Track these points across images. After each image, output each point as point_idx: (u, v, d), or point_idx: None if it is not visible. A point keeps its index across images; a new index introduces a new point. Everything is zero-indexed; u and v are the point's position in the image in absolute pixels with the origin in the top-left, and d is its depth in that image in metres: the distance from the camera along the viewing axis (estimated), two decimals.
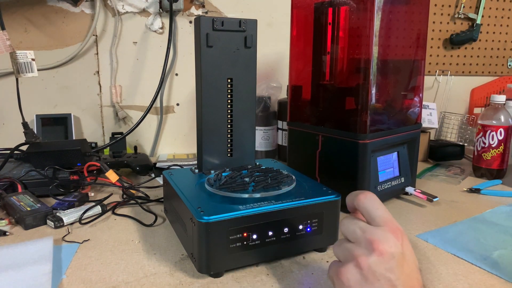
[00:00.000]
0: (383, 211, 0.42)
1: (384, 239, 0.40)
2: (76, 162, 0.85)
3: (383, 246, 0.39)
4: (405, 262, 0.40)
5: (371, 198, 0.43)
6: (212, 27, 0.63)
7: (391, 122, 0.80)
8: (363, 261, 0.39)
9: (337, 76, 0.79)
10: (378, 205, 0.43)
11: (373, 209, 0.42)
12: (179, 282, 0.51)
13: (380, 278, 0.38)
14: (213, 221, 0.50)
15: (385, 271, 0.39)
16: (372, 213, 0.42)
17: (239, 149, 0.70)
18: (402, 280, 0.39)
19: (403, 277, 0.39)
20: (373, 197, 0.43)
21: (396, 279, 0.38)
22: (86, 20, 1.05)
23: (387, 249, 0.39)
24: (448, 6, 1.36)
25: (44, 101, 1.07)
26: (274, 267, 0.55)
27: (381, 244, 0.39)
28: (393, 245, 0.39)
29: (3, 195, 0.73)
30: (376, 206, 0.42)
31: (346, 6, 0.75)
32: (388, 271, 0.39)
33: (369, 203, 0.43)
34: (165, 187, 0.71)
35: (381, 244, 0.39)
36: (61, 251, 0.59)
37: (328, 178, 0.78)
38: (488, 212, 0.75)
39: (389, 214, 0.42)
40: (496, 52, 1.46)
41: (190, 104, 1.17)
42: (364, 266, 0.39)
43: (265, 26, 1.18)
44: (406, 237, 0.41)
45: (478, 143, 0.96)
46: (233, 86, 0.67)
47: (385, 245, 0.39)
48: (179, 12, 1.11)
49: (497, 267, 0.55)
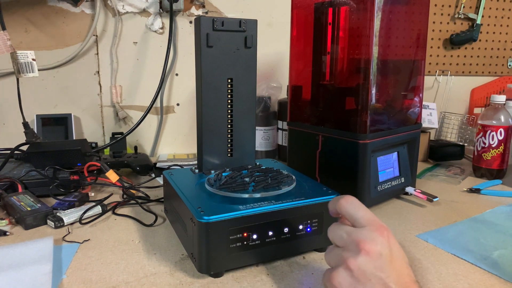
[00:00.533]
0: (365, 211, 0.43)
1: (370, 238, 0.40)
2: (77, 162, 0.85)
3: (370, 245, 0.40)
4: (394, 259, 0.40)
5: (352, 201, 0.44)
6: (212, 27, 0.63)
7: (391, 122, 0.80)
8: (352, 262, 0.40)
9: (337, 76, 0.79)
10: (359, 206, 0.43)
11: (354, 211, 0.43)
12: (179, 282, 0.51)
13: (371, 277, 0.39)
14: (213, 221, 0.50)
15: (375, 270, 0.39)
16: (355, 215, 0.43)
17: (239, 149, 0.70)
18: (393, 277, 0.39)
19: (394, 274, 0.39)
20: (353, 200, 0.44)
21: (387, 276, 0.39)
22: (87, 20, 1.06)
23: (374, 247, 0.40)
24: (448, 6, 1.36)
25: (44, 101, 1.07)
26: (274, 267, 0.55)
27: (367, 243, 0.40)
28: (379, 243, 0.40)
29: (4, 195, 0.73)
30: (357, 208, 0.43)
31: (346, 6, 0.75)
32: (378, 270, 0.39)
33: (350, 206, 0.44)
34: (165, 187, 0.71)
35: (367, 243, 0.40)
36: (61, 251, 0.59)
37: (328, 178, 0.78)
38: (488, 212, 0.75)
39: (371, 214, 0.43)
40: (496, 52, 1.46)
41: (190, 104, 1.17)
42: (354, 267, 0.39)
43: (265, 26, 1.18)
44: (391, 233, 0.42)
45: (478, 143, 0.96)
46: (233, 86, 0.67)
47: (372, 244, 0.40)
48: (179, 12, 1.11)
49: (497, 267, 0.55)
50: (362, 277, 0.39)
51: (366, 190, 0.73)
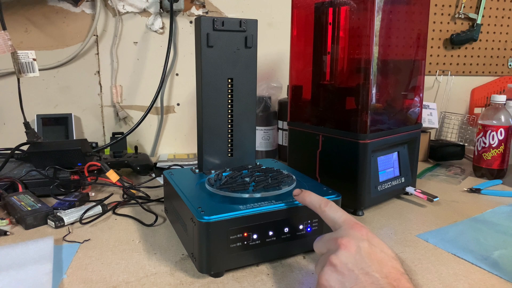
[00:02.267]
0: (341, 213, 0.47)
1: (346, 234, 0.43)
2: (77, 162, 0.86)
3: (346, 240, 0.42)
4: (373, 250, 0.42)
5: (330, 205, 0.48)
6: (212, 27, 0.63)
7: (392, 122, 0.80)
8: (334, 258, 0.42)
9: (337, 76, 0.79)
10: (336, 209, 0.48)
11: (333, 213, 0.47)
12: (179, 282, 0.51)
13: (353, 269, 0.40)
14: (213, 221, 0.50)
15: (356, 262, 0.41)
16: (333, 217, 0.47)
17: (240, 149, 0.70)
18: (374, 267, 0.40)
19: (376, 265, 0.41)
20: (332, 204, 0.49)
21: (368, 266, 0.40)
22: (87, 20, 1.06)
23: (351, 241, 0.42)
24: (449, 6, 1.36)
25: (44, 101, 1.07)
26: (275, 267, 0.55)
27: (344, 239, 0.42)
28: (356, 238, 0.43)
29: (4, 195, 0.73)
30: (335, 210, 0.48)
31: (347, 6, 0.75)
32: (359, 261, 0.41)
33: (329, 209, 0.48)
34: (165, 187, 0.71)
35: (344, 239, 0.42)
36: (61, 251, 0.59)
37: (329, 178, 0.78)
38: (488, 212, 0.75)
39: (348, 215, 0.47)
40: (496, 52, 1.46)
41: (190, 104, 1.17)
42: (336, 262, 0.41)
43: (265, 26, 1.18)
44: (368, 229, 0.45)
45: (479, 143, 0.96)
46: (233, 86, 0.67)
47: (348, 239, 0.42)
48: (180, 12, 1.11)
49: (497, 267, 0.55)
50: (345, 270, 0.41)
51: (366, 190, 0.73)
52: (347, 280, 0.40)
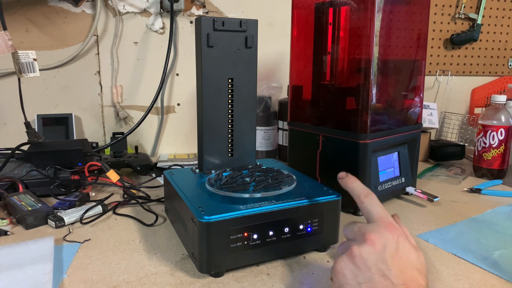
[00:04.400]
0: (380, 208, 0.44)
1: (377, 231, 0.41)
2: (77, 162, 0.86)
3: (375, 236, 0.41)
4: (398, 256, 0.40)
5: (371, 197, 0.46)
6: (212, 27, 0.63)
7: (392, 122, 0.80)
8: (355, 250, 0.41)
9: (337, 76, 0.79)
10: (376, 203, 0.45)
11: (371, 206, 0.45)
12: (179, 282, 0.51)
13: (371, 267, 0.39)
14: (213, 221, 0.50)
15: (376, 261, 0.39)
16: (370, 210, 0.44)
17: (240, 149, 0.70)
18: (393, 272, 0.39)
19: (395, 269, 0.39)
20: (373, 196, 0.46)
21: (387, 269, 0.39)
22: (87, 20, 1.06)
23: (379, 239, 0.40)
24: (449, 6, 1.36)
25: (45, 101, 1.07)
26: (275, 267, 0.55)
27: (373, 234, 0.41)
28: (385, 237, 0.41)
29: (4, 194, 0.73)
30: (374, 204, 0.45)
31: (347, 6, 0.75)
32: (379, 261, 0.39)
33: (368, 201, 0.45)
34: (165, 187, 0.71)
35: (372, 234, 0.41)
36: (62, 250, 0.59)
37: (329, 178, 0.78)
38: (488, 212, 0.75)
39: (385, 211, 0.44)
40: (496, 52, 1.46)
41: (190, 104, 1.17)
42: (356, 254, 0.40)
43: (265, 26, 1.18)
44: (402, 233, 0.42)
45: (479, 143, 0.96)
46: (233, 86, 0.67)
47: (377, 236, 0.41)
48: (180, 12, 1.11)
49: (497, 267, 0.55)
50: (363, 265, 0.40)
51: None
52: (361, 275, 0.39)
